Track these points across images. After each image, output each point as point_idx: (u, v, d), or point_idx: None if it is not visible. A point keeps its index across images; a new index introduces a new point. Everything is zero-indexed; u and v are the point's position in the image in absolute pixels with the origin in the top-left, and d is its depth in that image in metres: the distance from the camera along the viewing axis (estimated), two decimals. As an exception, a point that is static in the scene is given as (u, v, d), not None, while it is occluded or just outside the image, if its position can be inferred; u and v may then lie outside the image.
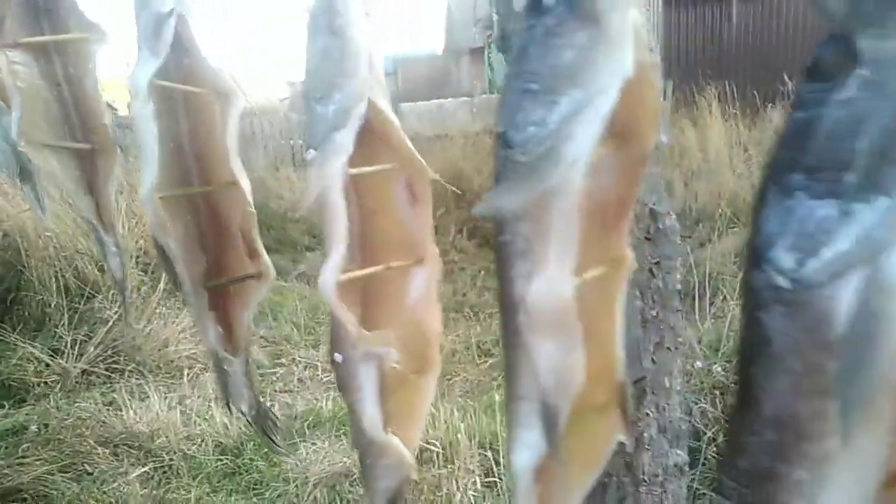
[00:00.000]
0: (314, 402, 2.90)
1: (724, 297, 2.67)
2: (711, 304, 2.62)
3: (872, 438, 0.30)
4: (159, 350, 3.30)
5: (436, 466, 2.15)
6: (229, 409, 0.74)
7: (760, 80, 5.58)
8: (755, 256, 0.33)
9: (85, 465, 2.65)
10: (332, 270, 0.50)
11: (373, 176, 0.54)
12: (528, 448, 0.46)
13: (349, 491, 2.53)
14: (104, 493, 2.53)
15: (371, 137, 0.53)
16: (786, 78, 4.65)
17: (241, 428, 2.80)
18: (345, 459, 2.53)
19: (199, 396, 3.10)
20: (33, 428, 2.79)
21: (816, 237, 0.30)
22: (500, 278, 0.45)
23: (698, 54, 7.80)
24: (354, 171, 0.51)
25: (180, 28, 0.60)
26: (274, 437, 0.78)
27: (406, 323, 0.58)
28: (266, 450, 2.76)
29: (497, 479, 2.20)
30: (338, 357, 0.58)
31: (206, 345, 0.70)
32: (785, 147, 0.32)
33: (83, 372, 3.17)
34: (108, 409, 2.93)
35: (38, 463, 2.57)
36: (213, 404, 2.87)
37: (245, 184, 0.66)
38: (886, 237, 0.29)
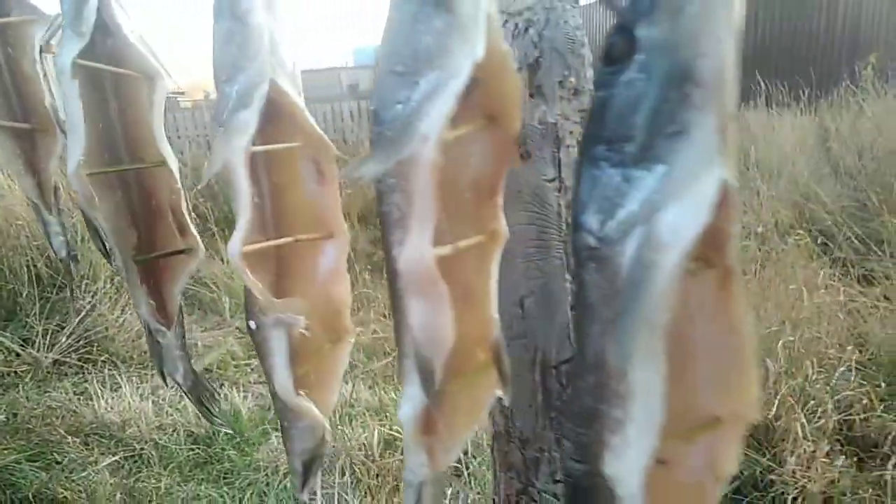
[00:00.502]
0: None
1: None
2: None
3: (649, 378, 0.36)
4: (133, 341, 3.33)
5: (400, 452, 2.21)
6: (164, 379, 0.79)
7: (740, 81, 5.65)
8: (574, 222, 0.38)
9: (54, 454, 2.68)
10: (238, 240, 0.55)
11: (281, 153, 0.59)
12: (410, 401, 0.52)
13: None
14: (73, 481, 2.56)
15: (278, 118, 0.58)
16: (759, 78, 4.74)
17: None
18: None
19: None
20: (2, 417, 2.82)
21: (613, 200, 0.36)
22: (383, 246, 0.50)
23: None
24: (257, 148, 0.55)
25: (103, 10, 0.65)
26: (210, 407, 0.83)
27: (317, 293, 0.63)
28: (238, 439, 2.80)
29: (463, 467, 2.26)
30: (252, 324, 0.63)
31: (139, 316, 0.74)
32: (591, 123, 0.37)
33: (55, 362, 3.19)
34: (79, 399, 2.96)
35: (5, 452, 2.60)
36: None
37: (172, 162, 0.70)
38: (662, 199, 0.34)
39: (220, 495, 2.47)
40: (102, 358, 3.22)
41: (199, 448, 2.69)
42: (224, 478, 2.56)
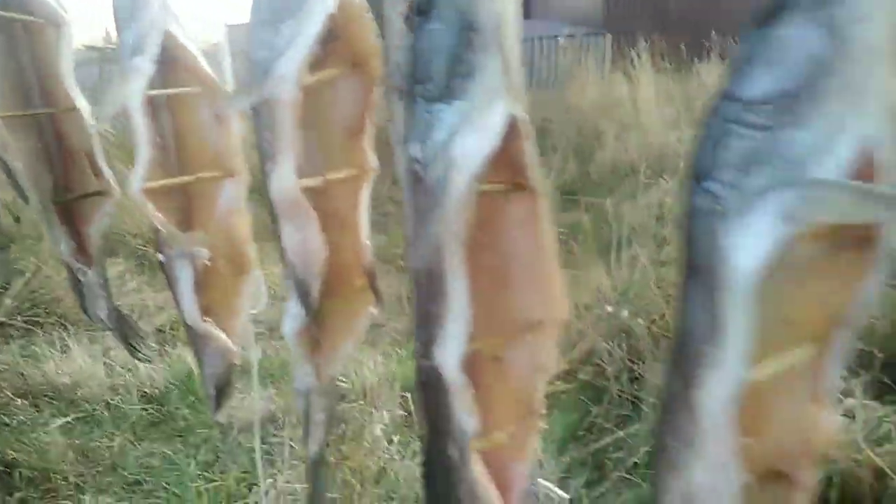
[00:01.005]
0: (241, 351, 3.01)
1: (642, 247, 2.86)
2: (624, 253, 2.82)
3: (456, 279, 0.45)
4: (82, 303, 3.33)
5: (346, 401, 2.32)
6: (88, 315, 0.87)
7: (696, 36, 5.78)
8: (405, 153, 0.47)
9: (2, 415, 2.71)
10: (138, 177, 0.63)
11: (180, 98, 0.66)
12: (292, 317, 0.61)
13: (273, 435, 2.67)
14: (23, 443, 2.60)
15: (176, 66, 0.65)
16: (713, 34, 4.85)
17: (167, 378, 2.90)
18: (269, 406, 2.67)
19: (123, 348, 3.15)
20: (-54, 380, 2.83)
21: (427, 131, 0.45)
22: (262, 176, 0.58)
23: (637, 9, 7.96)
24: (153, 91, 0.63)
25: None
26: (135, 343, 0.91)
27: (219, 228, 0.71)
28: (192, 398, 2.87)
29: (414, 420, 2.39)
30: (161, 257, 0.71)
31: (60, 257, 0.81)
32: (409, 66, 0.46)
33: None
34: (26, 362, 2.98)
35: (-49, 414, 2.62)
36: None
37: (84, 108, 0.77)
38: (458, 129, 0.43)
39: (175, 452, 2.55)
40: (51, 320, 3.23)
41: (152, 407, 2.76)
42: (178, 436, 2.63)
